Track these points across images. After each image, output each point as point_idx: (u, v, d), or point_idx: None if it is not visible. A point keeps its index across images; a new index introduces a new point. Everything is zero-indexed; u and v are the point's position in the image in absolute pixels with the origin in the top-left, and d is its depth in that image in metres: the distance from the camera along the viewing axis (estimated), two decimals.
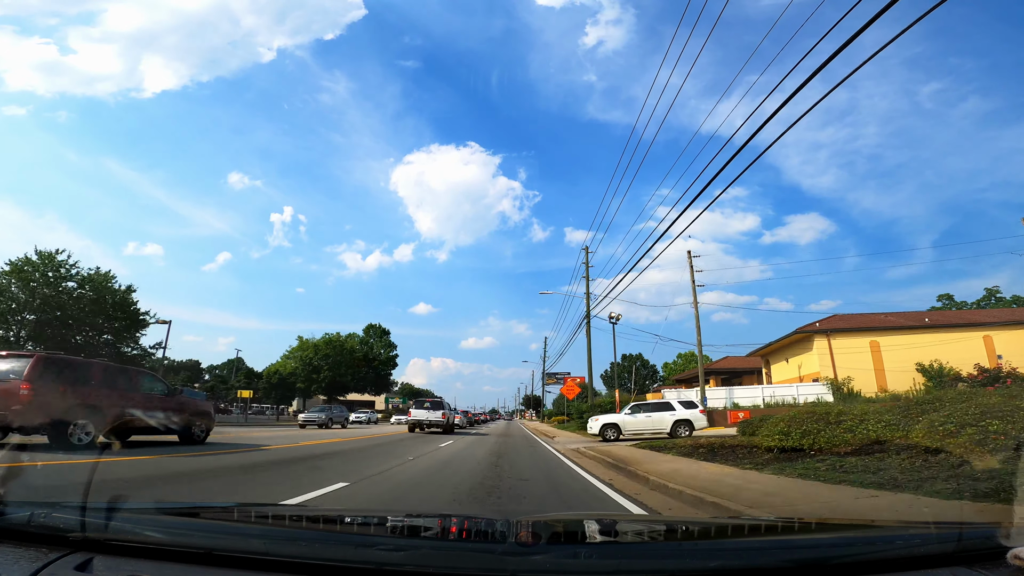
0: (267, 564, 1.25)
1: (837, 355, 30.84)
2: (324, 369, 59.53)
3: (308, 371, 59.27)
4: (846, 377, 28.23)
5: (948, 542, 1.37)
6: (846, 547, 1.46)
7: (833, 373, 29.52)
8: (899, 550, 1.42)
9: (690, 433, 17.02)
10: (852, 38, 5.91)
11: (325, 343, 61.23)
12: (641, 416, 18.30)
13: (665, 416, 18.13)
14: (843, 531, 1.85)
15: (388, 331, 70.27)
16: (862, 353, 30.89)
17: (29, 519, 1.38)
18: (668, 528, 2.21)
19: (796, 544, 1.59)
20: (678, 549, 1.60)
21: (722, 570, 1.32)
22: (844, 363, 30.14)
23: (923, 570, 1.28)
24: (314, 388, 58.70)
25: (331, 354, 60.40)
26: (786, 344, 35.68)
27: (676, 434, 16.98)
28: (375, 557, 1.29)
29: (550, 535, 1.82)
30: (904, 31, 5.55)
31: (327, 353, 60.55)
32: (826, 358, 31.08)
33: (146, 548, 1.31)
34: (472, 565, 1.31)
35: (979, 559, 1.29)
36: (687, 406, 18.52)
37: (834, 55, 6.23)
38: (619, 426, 17.93)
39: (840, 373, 29.05)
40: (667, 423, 17.87)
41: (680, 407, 18.31)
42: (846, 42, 6.01)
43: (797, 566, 1.31)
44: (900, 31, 5.53)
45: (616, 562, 1.36)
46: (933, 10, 5.11)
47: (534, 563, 1.31)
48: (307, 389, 58.49)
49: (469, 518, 2.21)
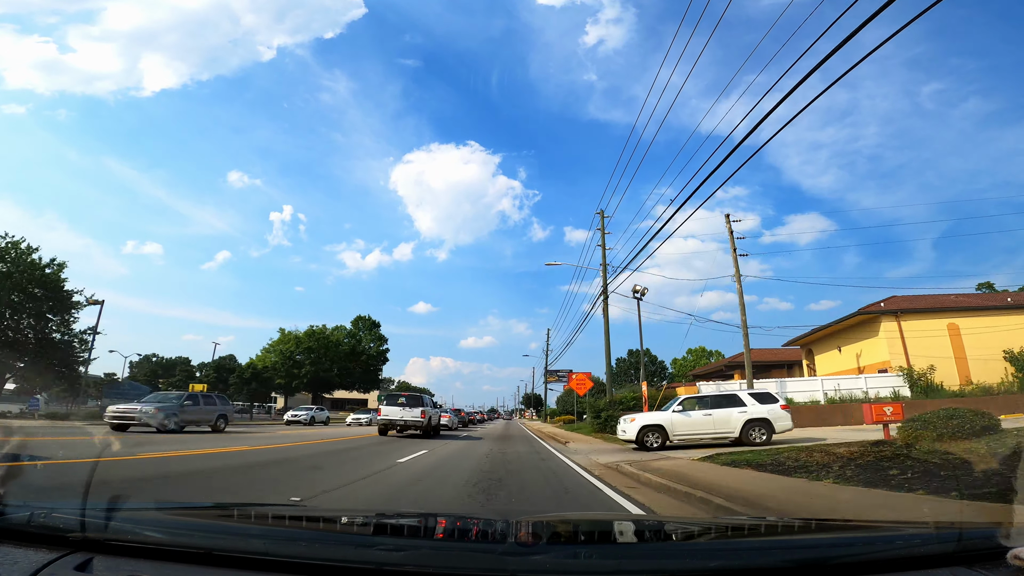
0: (267, 564, 1.26)
1: (909, 340, 27.24)
2: (306, 364, 56.00)
3: (288, 366, 55.53)
4: (928, 366, 24.66)
5: (948, 542, 1.36)
6: (846, 547, 1.47)
7: (906, 361, 26.08)
8: (899, 550, 1.42)
9: (768, 438, 13.25)
10: (848, 38, 6.44)
11: (307, 335, 57.40)
12: (697, 415, 14.04)
13: (732, 414, 13.84)
14: (843, 531, 1.85)
15: (378, 323, 65.73)
16: (939, 338, 27.30)
17: (29, 519, 1.39)
18: (668, 528, 2.18)
19: (796, 544, 1.59)
20: (678, 549, 1.59)
21: (722, 570, 1.32)
22: (918, 350, 26.60)
23: (923, 570, 1.28)
24: (295, 384, 56.11)
25: (314, 347, 56.75)
26: (838, 329, 31.75)
27: (749, 439, 13.30)
28: (375, 557, 1.30)
29: (550, 535, 1.85)
30: (901, 29, 5.99)
31: (309, 346, 56.67)
32: (896, 344, 27.34)
33: (146, 548, 1.32)
34: (472, 565, 1.32)
35: (979, 559, 1.29)
36: (762, 399, 14.25)
37: (830, 55, 6.72)
38: (666, 429, 13.81)
39: (914, 362, 25.76)
40: (734, 424, 13.69)
41: (752, 401, 14.13)
42: (842, 42, 6.49)
43: (797, 566, 1.30)
44: (897, 29, 6.01)
45: (616, 562, 1.36)
46: (929, 9, 5.61)
47: (534, 563, 1.32)
48: (288, 385, 55.81)
49: (469, 518, 2.25)
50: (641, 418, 13.96)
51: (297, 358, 55.90)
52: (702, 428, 13.53)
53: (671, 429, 13.51)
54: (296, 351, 55.76)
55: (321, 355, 56.38)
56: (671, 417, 13.73)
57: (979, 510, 3.76)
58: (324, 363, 56.13)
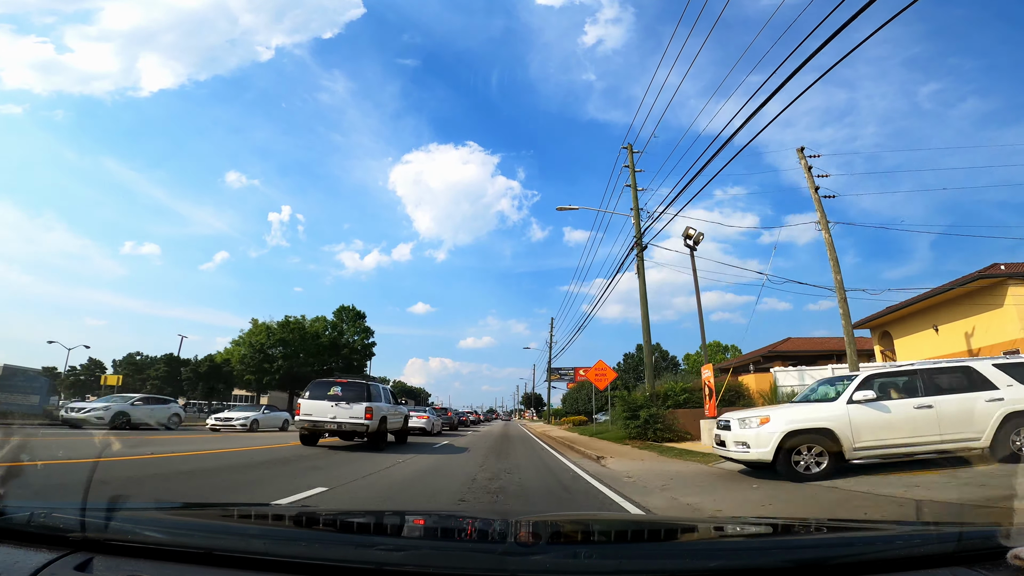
0: (267, 564, 1.28)
1: None
2: (279, 358, 51.28)
3: (259, 360, 50.86)
4: None
5: (948, 542, 1.37)
6: (846, 547, 1.47)
7: None
8: (899, 550, 1.42)
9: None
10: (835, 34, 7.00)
11: (281, 326, 52.48)
12: (902, 407, 7.78)
13: (974, 404, 7.64)
14: (843, 531, 1.85)
15: (363, 314, 60.43)
16: None
17: (29, 519, 1.41)
18: (669, 528, 2.18)
19: (796, 544, 1.61)
20: (679, 549, 1.61)
21: (722, 570, 1.33)
22: None
23: (923, 570, 1.28)
24: (267, 381, 52.34)
25: (289, 339, 52.06)
26: (936, 303, 23.61)
27: (1016, 449, 7.37)
28: (375, 557, 1.31)
29: (550, 535, 1.86)
30: (887, 22, 6.63)
31: (283, 338, 51.82)
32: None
33: (146, 548, 1.34)
34: (472, 565, 1.32)
35: (979, 559, 1.29)
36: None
37: (818, 50, 7.32)
38: (838, 436, 7.59)
39: None
40: (979, 423, 7.53)
41: (1007, 379, 7.72)
42: (829, 37, 7.06)
43: (797, 566, 1.31)
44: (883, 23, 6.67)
45: (616, 562, 1.37)
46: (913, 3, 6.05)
47: (534, 563, 1.33)
48: (259, 381, 52.41)
49: (469, 518, 2.27)
50: (781, 416, 7.93)
51: (269, 352, 51.62)
52: (915, 431, 7.66)
53: (852, 435, 7.62)
54: (268, 343, 51.74)
55: (297, 348, 52.43)
56: (849, 413, 7.73)
57: (979, 510, 3.73)
58: (301, 357, 52.33)
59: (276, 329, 51.92)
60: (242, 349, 52.05)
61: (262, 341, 51.28)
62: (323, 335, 55.25)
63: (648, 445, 14.67)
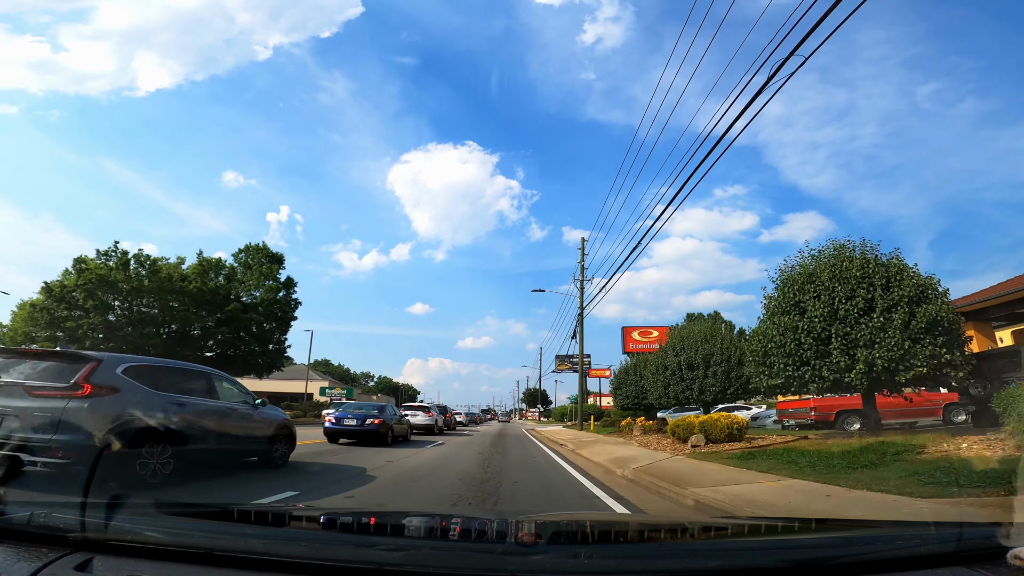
0: (267, 564, 1.30)
1: None
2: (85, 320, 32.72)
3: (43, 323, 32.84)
4: None
5: (948, 542, 1.37)
6: (846, 547, 1.47)
7: None
8: (899, 550, 1.42)
9: None
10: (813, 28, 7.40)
11: (96, 268, 33.49)
12: None
13: None
14: (843, 531, 1.90)
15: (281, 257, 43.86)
16: None
17: (29, 519, 1.41)
18: (668, 528, 2.24)
19: (796, 544, 1.61)
20: (678, 549, 1.63)
21: (722, 570, 1.35)
22: None
23: (923, 570, 1.28)
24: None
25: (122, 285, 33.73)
26: None
27: None
28: (375, 557, 1.32)
29: (550, 535, 1.88)
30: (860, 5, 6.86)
31: (93, 289, 32.69)
32: None
33: (146, 548, 1.36)
34: (472, 565, 1.34)
35: (979, 559, 1.30)
36: None
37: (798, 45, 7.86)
38: None
39: None
40: None
41: None
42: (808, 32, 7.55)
43: (797, 566, 1.32)
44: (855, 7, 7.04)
45: (616, 562, 1.38)
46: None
47: (534, 563, 1.34)
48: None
49: (469, 518, 2.31)
50: None
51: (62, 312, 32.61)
52: None
53: None
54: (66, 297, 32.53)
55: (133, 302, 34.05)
56: None
57: (979, 510, 3.87)
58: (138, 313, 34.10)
59: (94, 278, 32.09)
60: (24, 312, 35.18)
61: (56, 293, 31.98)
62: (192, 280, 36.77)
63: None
